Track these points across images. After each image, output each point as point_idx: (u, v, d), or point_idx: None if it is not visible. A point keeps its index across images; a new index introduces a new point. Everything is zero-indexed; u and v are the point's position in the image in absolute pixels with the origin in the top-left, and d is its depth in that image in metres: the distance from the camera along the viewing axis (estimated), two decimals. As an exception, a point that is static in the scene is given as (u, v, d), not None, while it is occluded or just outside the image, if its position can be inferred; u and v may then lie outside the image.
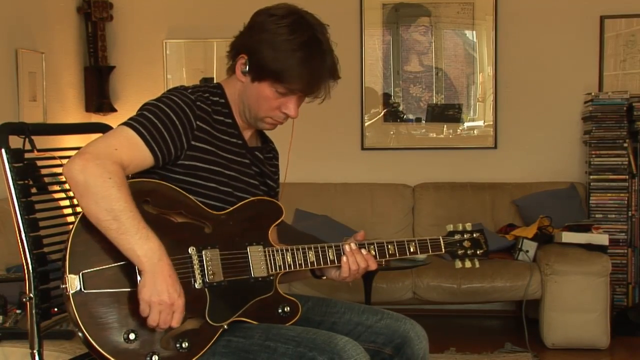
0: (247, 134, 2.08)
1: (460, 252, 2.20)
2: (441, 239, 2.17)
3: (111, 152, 1.79)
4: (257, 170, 2.09)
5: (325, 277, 2.14)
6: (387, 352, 2.04)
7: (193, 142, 1.93)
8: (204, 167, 1.94)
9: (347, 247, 2.05)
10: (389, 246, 2.10)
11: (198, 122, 1.94)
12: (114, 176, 1.76)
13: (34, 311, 1.94)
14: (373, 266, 2.07)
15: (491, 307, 5.01)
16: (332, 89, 2.01)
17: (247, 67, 1.96)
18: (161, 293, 1.74)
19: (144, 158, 1.86)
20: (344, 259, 2.04)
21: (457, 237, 2.20)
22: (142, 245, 1.75)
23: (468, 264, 2.20)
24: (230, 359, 1.86)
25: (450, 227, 2.22)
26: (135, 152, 1.84)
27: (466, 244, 2.20)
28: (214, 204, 1.95)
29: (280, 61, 1.91)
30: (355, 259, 2.04)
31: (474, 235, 2.22)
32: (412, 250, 2.12)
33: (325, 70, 1.96)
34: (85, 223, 1.79)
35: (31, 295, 1.94)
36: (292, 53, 1.91)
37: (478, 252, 2.22)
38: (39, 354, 1.95)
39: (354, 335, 1.97)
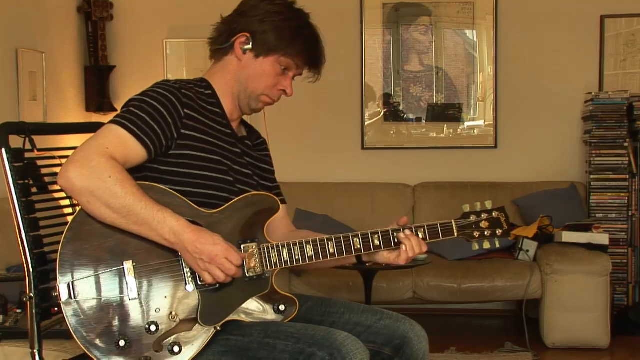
0: (234, 125, 2.09)
1: (476, 234, 2.03)
2: (453, 223, 2.03)
3: (103, 151, 1.79)
4: (249, 160, 2.09)
5: (370, 263, 2.10)
6: (386, 352, 2.03)
7: (183, 131, 1.93)
8: (197, 156, 1.94)
9: (402, 235, 2.00)
10: (395, 234, 2.02)
11: (186, 110, 1.94)
12: (113, 172, 1.77)
13: (34, 311, 1.94)
14: (424, 249, 2.01)
15: (491, 306, 5.01)
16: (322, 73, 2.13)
17: (251, 44, 2.01)
18: (202, 254, 1.80)
19: (136, 154, 1.86)
20: (404, 247, 1.99)
21: (472, 218, 2.03)
22: (163, 229, 1.79)
23: (486, 244, 2.04)
24: (230, 358, 1.86)
25: (466, 208, 2.04)
26: (127, 148, 1.84)
27: (483, 224, 2.03)
28: (209, 193, 1.94)
29: (287, 36, 2.00)
30: (412, 245, 1.99)
31: (493, 214, 2.05)
32: (421, 236, 2.01)
33: (323, 49, 2.08)
34: (76, 230, 1.80)
35: (31, 294, 1.94)
36: (299, 29, 2.02)
37: (497, 232, 2.04)
38: (39, 354, 1.95)
39: (354, 335, 1.95)
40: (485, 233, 2.04)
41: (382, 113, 5.20)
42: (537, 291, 4.24)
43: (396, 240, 2.02)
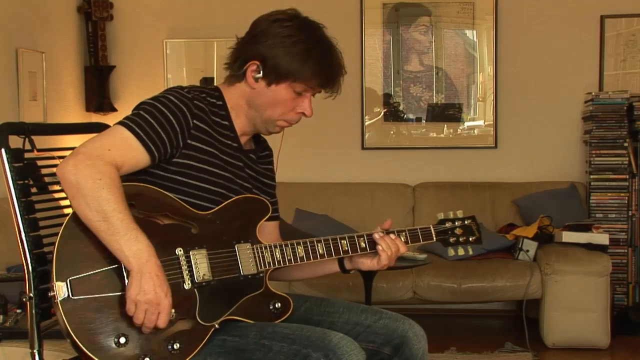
0: (243, 139, 2.09)
1: (452, 239, 2.18)
2: (432, 228, 2.16)
3: (104, 153, 1.79)
4: (251, 173, 2.10)
5: (353, 271, 2.16)
6: (385, 352, 2.03)
7: (189, 141, 1.93)
8: (198, 167, 1.94)
9: (376, 235, 2.08)
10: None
11: (195, 121, 1.94)
12: (105, 177, 1.76)
13: (34, 311, 1.94)
14: (403, 249, 2.09)
15: (491, 306, 5.01)
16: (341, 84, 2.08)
17: (262, 72, 1.98)
18: (147, 292, 1.75)
19: (139, 158, 1.86)
20: (380, 247, 2.07)
21: (448, 224, 2.19)
22: (130, 246, 1.75)
23: (461, 251, 2.18)
24: (226, 359, 1.86)
25: (441, 215, 2.20)
26: (130, 152, 1.84)
27: (458, 231, 2.19)
28: (204, 205, 1.94)
29: (297, 61, 1.96)
30: (387, 244, 2.06)
31: (465, 222, 2.21)
32: (402, 240, 2.11)
33: (339, 64, 2.04)
34: (72, 229, 1.80)
35: (31, 294, 1.94)
36: (309, 51, 1.96)
37: (470, 239, 2.20)
38: (39, 354, 1.95)
39: (353, 335, 1.96)
40: (460, 239, 2.20)
41: (382, 113, 5.20)
42: (537, 291, 4.24)
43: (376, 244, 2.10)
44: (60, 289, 1.75)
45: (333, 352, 1.78)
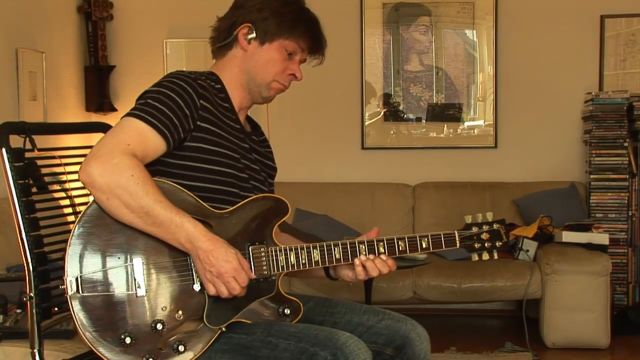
0: (241, 119, 2.09)
1: (477, 245, 2.08)
2: (456, 234, 2.05)
3: (125, 148, 1.78)
4: (256, 156, 2.10)
5: (338, 279, 2.12)
6: (388, 352, 2.03)
7: (199, 122, 1.92)
8: (209, 149, 1.93)
9: (362, 257, 1.99)
10: (400, 242, 2.01)
11: (201, 101, 1.94)
12: (135, 171, 1.76)
13: (34, 310, 1.94)
14: (393, 268, 2.03)
15: (491, 306, 5.01)
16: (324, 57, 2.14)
17: (255, 32, 2.02)
18: (211, 269, 1.79)
19: (156, 147, 1.86)
20: (369, 264, 1.99)
21: (474, 229, 2.07)
22: (178, 234, 1.78)
23: (485, 255, 2.08)
24: (232, 355, 1.86)
25: (468, 219, 2.09)
26: (148, 142, 1.83)
27: (484, 236, 2.08)
28: (218, 188, 1.93)
29: (289, 19, 2.02)
30: (375, 266, 2.00)
31: (494, 226, 2.09)
32: (424, 246, 2.02)
33: (323, 33, 2.10)
34: (85, 225, 1.79)
35: (31, 294, 1.94)
36: (299, 13, 2.04)
37: (497, 244, 2.10)
38: (39, 354, 1.95)
39: (355, 335, 1.95)
40: (486, 245, 2.09)
41: (382, 113, 5.20)
42: (537, 291, 4.24)
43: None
44: (71, 284, 1.75)
45: (340, 350, 1.78)
